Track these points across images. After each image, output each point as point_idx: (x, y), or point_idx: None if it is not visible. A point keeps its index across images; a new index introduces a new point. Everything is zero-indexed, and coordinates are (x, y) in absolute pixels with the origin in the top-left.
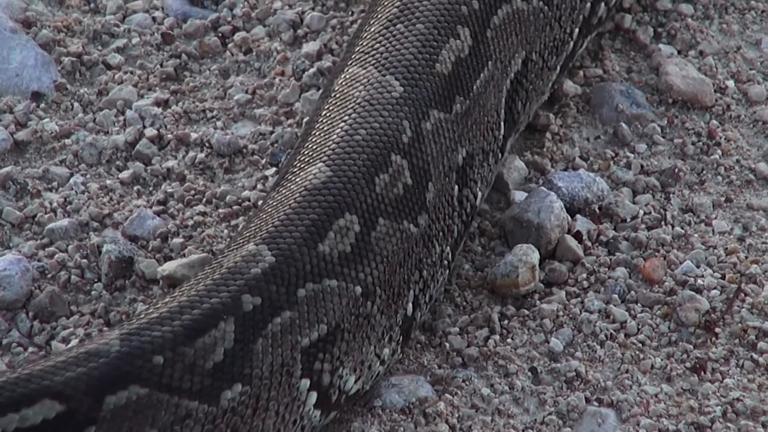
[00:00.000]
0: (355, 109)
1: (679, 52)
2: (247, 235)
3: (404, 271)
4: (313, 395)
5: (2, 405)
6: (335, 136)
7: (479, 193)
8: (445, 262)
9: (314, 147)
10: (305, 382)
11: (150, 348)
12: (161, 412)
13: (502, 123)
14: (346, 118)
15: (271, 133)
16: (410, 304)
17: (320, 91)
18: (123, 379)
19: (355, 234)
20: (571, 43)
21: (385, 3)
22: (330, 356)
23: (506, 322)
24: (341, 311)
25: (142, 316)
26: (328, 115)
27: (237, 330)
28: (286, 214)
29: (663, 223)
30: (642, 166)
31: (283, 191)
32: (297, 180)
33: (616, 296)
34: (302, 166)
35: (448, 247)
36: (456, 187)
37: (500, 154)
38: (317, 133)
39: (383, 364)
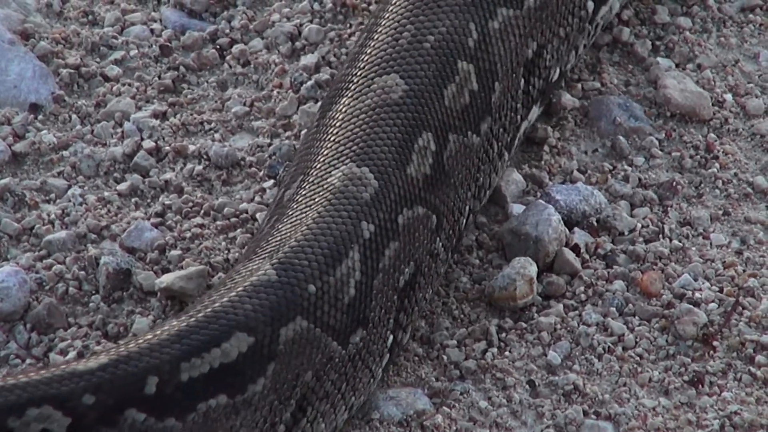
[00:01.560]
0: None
1: (677, 66)
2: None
3: (463, 189)
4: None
5: (204, 341)
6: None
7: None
8: (501, 160)
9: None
10: (390, 337)
11: (303, 276)
12: (315, 351)
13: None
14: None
15: (269, 145)
16: (464, 219)
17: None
18: (290, 310)
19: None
20: None
21: None
22: (410, 306)
23: (504, 334)
24: (423, 247)
25: (278, 244)
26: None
27: (361, 261)
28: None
29: (661, 236)
30: (640, 180)
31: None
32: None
33: (614, 309)
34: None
35: (505, 150)
36: (522, 80)
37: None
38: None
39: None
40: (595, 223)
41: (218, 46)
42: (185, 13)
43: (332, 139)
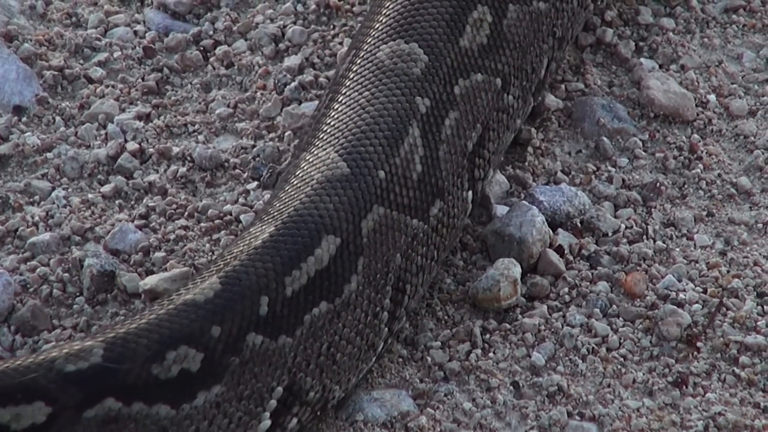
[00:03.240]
0: None
1: (660, 66)
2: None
3: (534, 51)
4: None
5: (299, 251)
6: None
7: None
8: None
9: None
10: (469, 194)
11: (371, 164)
12: (398, 234)
13: None
14: None
15: (253, 146)
16: (542, 70)
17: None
18: (366, 201)
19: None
20: None
21: None
22: (483, 161)
23: (488, 336)
24: (487, 107)
25: (339, 129)
26: None
27: (422, 136)
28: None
29: (644, 237)
30: (623, 180)
31: None
32: None
33: (598, 310)
34: None
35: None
36: None
37: None
38: None
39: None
40: (579, 224)
41: (202, 48)
42: (169, 14)
43: (384, 13)
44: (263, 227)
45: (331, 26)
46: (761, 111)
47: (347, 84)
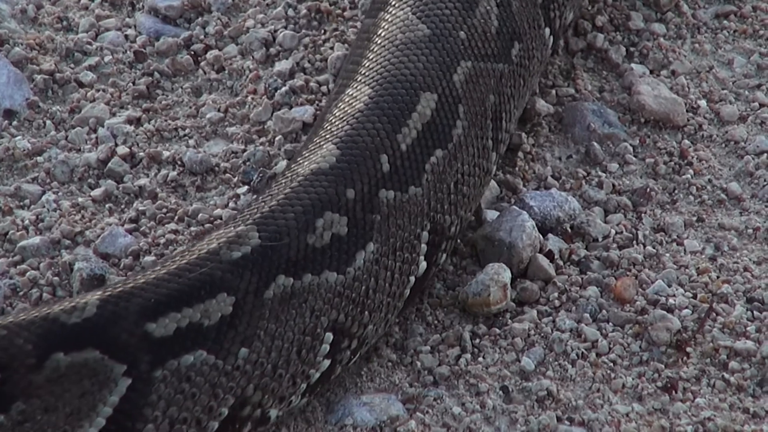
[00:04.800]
0: None
1: (651, 72)
2: None
3: None
4: None
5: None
6: None
7: None
8: None
9: None
10: (546, 30)
11: (451, 26)
12: (488, 79)
13: None
14: None
15: (243, 151)
16: None
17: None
18: (454, 58)
19: None
20: None
21: None
22: (557, 4)
23: (477, 340)
24: None
25: None
26: None
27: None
28: None
29: (634, 242)
30: (614, 186)
31: None
32: None
33: (588, 315)
34: None
35: None
36: None
37: None
38: None
39: None
40: (569, 230)
41: (193, 52)
42: (160, 19)
43: None
44: (359, 88)
45: (322, 31)
46: (752, 117)
47: None
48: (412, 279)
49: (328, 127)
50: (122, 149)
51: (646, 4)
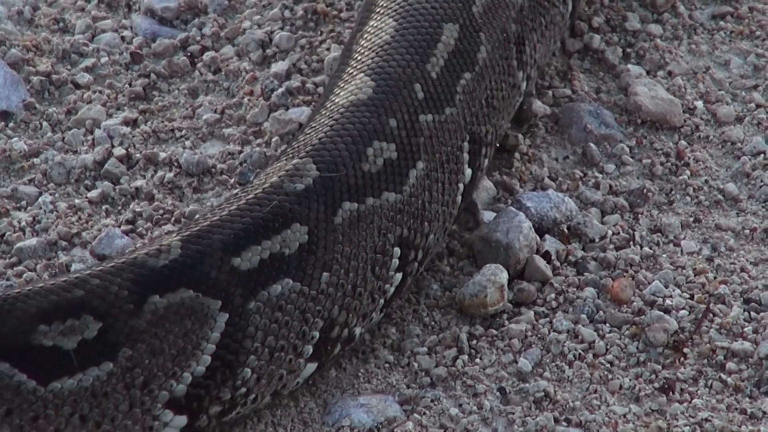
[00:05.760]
0: None
1: (647, 73)
2: None
3: None
4: None
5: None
6: None
7: None
8: None
9: None
10: None
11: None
12: (507, 9)
13: None
14: None
15: (240, 152)
16: None
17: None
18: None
19: None
20: None
21: None
22: None
23: (475, 342)
24: None
25: None
26: None
27: None
28: None
29: (631, 243)
30: (611, 187)
31: None
32: None
33: (585, 316)
34: None
35: None
36: None
37: None
38: None
39: None
40: (566, 230)
41: (189, 54)
42: (156, 20)
43: None
44: (383, 20)
45: (319, 32)
46: (748, 117)
47: None
48: (461, 186)
49: (355, 57)
50: (119, 150)
51: (642, 5)
